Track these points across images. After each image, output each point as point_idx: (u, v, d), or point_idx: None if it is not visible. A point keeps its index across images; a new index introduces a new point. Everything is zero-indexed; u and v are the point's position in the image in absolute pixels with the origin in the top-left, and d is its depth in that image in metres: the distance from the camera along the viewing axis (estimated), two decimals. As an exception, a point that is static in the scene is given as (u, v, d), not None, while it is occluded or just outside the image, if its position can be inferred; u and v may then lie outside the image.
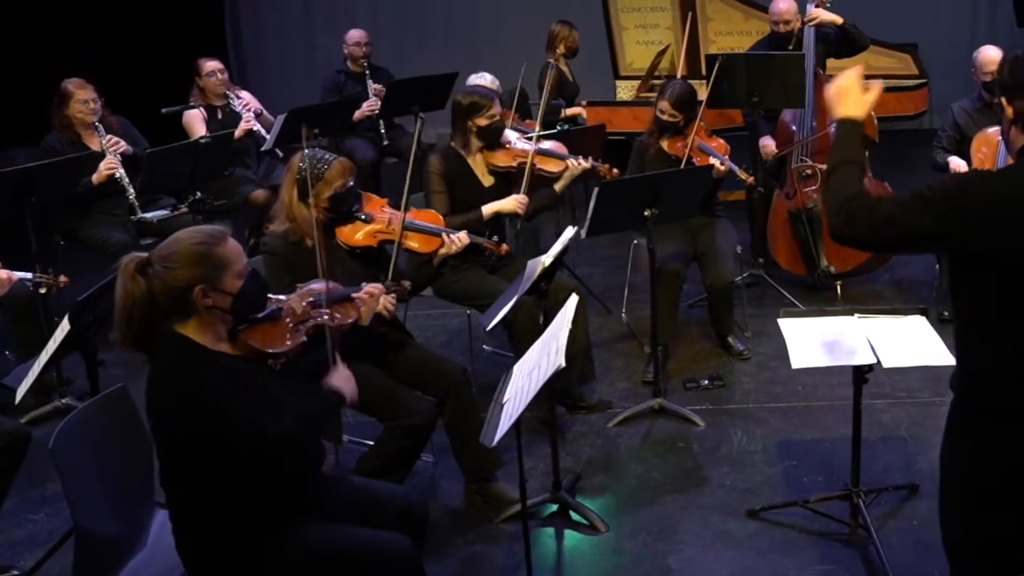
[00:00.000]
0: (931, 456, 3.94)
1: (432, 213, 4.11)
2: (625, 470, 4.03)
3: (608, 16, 7.47)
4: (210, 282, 2.46)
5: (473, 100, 4.38)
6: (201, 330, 2.50)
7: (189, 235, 2.53)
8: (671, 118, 4.84)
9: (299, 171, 3.54)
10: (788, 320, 3.37)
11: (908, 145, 6.63)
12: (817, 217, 5.41)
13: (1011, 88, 2.17)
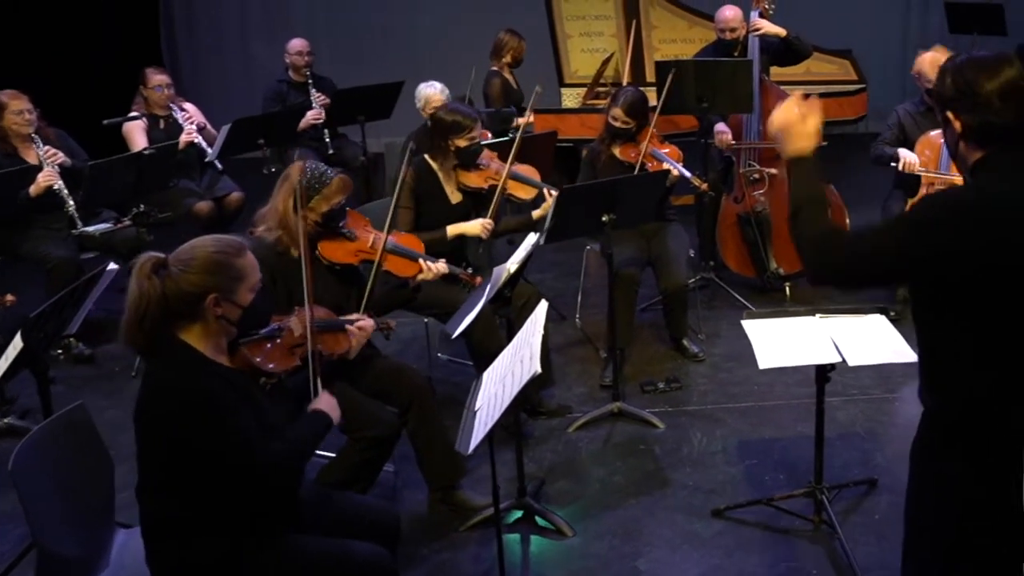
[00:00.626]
0: (888, 451, 4.07)
1: (414, 238, 4.09)
2: (588, 474, 4.04)
3: (553, 24, 7.51)
4: (224, 292, 2.46)
5: (456, 119, 4.37)
6: (203, 338, 2.49)
7: (210, 242, 2.53)
8: (624, 125, 4.87)
9: (299, 182, 3.50)
10: (751, 322, 3.41)
11: (848, 150, 6.75)
12: (766, 220, 5.51)
13: (955, 101, 2.09)
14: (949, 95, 2.09)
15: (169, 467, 2.44)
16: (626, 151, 4.88)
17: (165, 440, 2.40)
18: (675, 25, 7.30)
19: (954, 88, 2.07)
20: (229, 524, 2.49)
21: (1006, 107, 2.01)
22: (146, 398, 2.45)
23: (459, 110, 4.45)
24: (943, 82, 2.11)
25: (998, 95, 2.00)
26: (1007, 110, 2.01)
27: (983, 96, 2.01)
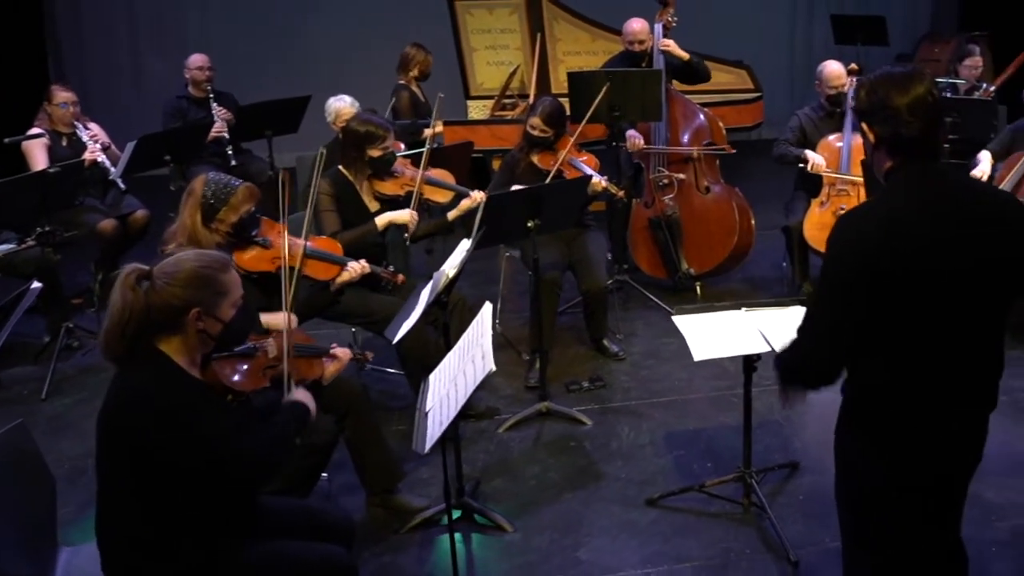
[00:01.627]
0: (805, 436, 4.28)
1: (331, 241, 4.10)
2: (522, 472, 4.11)
3: (458, 38, 7.60)
4: (207, 307, 2.46)
5: (369, 130, 4.39)
6: (181, 350, 2.48)
7: (195, 256, 2.53)
8: (542, 134, 4.98)
9: (204, 195, 3.50)
10: (682, 317, 3.53)
11: (744, 156, 7.00)
12: (676, 223, 5.71)
13: (870, 113, 2.24)
14: (864, 107, 2.26)
15: (131, 474, 2.41)
16: (545, 159, 4.99)
17: (130, 447, 2.38)
18: (578, 38, 7.48)
19: (868, 101, 2.24)
20: (189, 533, 2.47)
21: (914, 121, 2.17)
22: (116, 404, 2.43)
23: (372, 120, 4.48)
24: (859, 95, 2.28)
25: (908, 110, 2.17)
26: (915, 124, 2.17)
27: (894, 109, 2.18)
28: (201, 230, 3.52)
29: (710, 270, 5.85)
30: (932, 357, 2.21)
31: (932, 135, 2.23)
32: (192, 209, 3.52)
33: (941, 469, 2.32)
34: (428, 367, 4.25)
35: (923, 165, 2.21)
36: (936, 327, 2.18)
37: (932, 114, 2.21)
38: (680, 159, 5.76)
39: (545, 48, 7.43)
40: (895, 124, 2.18)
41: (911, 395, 2.23)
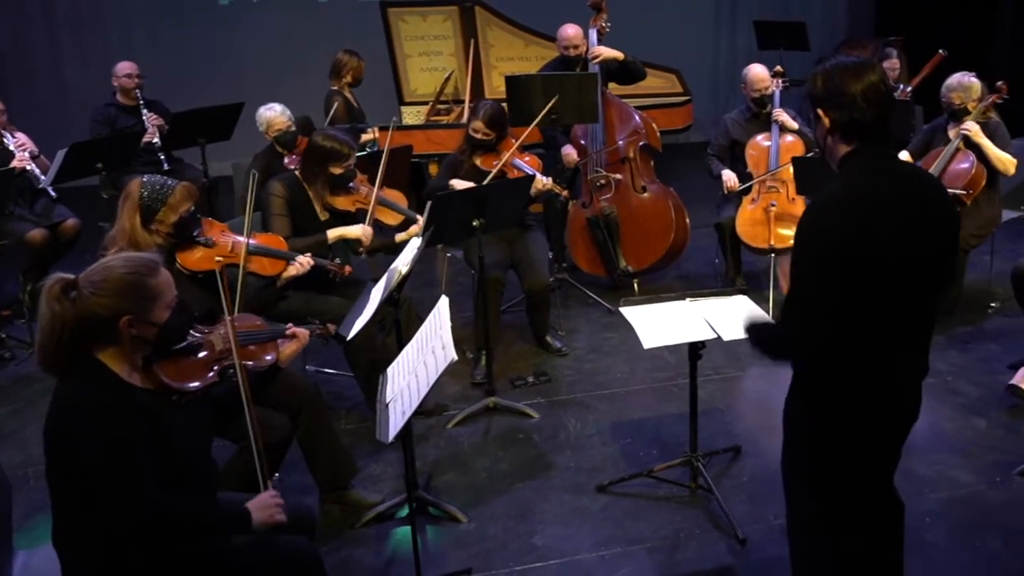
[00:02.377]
0: (746, 422, 4.42)
1: (275, 237, 4.12)
2: (473, 465, 4.17)
3: (391, 44, 7.63)
4: (137, 313, 2.40)
5: (335, 147, 4.39)
6: (118, 359, 2.44)
7: (122, 263, 2.45)
8: (484, 136, 5.06)
9: (141, 197, 3.49)
10: (629, 308, 3.62)
11: (674, 158, 7.19)
12: (614, 222, 5.84)
13: (825, 99, 2.33)
14: (820, 94, 2.36)
15: (74, 486, 2.37)
16: (487, 161, 5.06)
17: (69, 457, 2.33)
18: (512, 44, 7.56)
19: (824, 88, 2.34)
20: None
21: (869, 107, 2.30)
22: (55, 416, 2.38)
23: (337, 138, 4.46)
24: (815, 83, 2.38)
25: (862, 96, 2.29)
26: (870, 109, 2.30)
27: (849, 96, 2.29)
28: (141, 232, 3.51)
29: (648, 267, 5.99)
30: (889, 328, 2.34)
31: (885, 120, 2.34)
32: (130, 212, 3.51)
33: (889, 427, 2.47)
34: (375, 364, 4.32)
35: (878, 149, 2.35)
36: (896, 300, 2.32)
37: (884, 100, 2.33)
38: (617, 160, 5.89)
39: (479, 54, 7.50)
40: (850, 109, 2.29)
41: (867, 363, 2.37)
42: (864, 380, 2.38)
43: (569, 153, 5.85)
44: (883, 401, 2.41)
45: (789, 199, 5.46)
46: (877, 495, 2.58)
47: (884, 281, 2.28)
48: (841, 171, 2.38)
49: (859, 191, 2.29)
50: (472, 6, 7.49)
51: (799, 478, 2.59)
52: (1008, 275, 4.60)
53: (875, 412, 2.41)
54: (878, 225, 2.24)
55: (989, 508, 3.67)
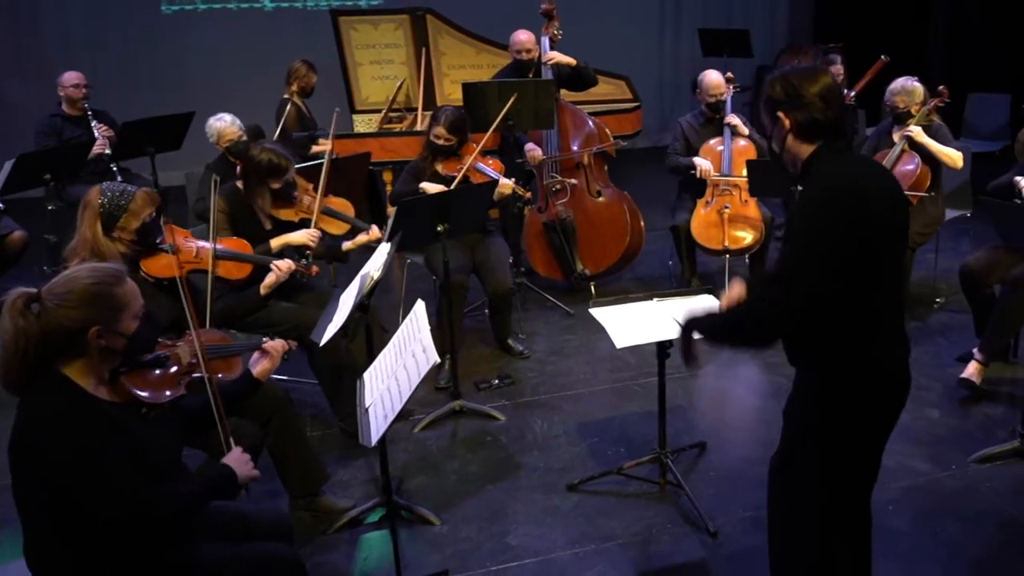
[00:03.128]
0: (708, 419, 4.49)
1: (239, 241, 4.08)
2: (442, 468, 4.17)
3: (342, 53, 7.61)
4: (106, 324, 2.34)
5: (272, 160, 4.29)
6: (85, 372, 2.37)
7: (87, 273, 2.38)
8: (446, 142, 5.07)
9: (102, 204, 3.44)
10: (599, 309, 3.67)
11: (623, 163, 7.22)
12: (571, 226, 5.89)
13: (785, 102, 2.43)
14: (780, 98, 2.46)
15: (45, 502, 2.31)
16: (449, 166, 5.08)
17: (38, 481, 2.28)
18: (463, 52, 7.59)
19: (783, 92, 2.45)
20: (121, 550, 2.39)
21: (828, 106, 2.40)
22: (20, 434, 2.29)
23: (275, 151, 4.36)
24: (774, 88, 2.48)
25: (820, 97, 2.40)
26: (829, 108, 2.40)
27: (808, 98, 2.40)
28: (103, 240, 3.45)
29: (604, 270, 6.05)
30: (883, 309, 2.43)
31: (842, 119, 2.45)
32: (91, 220, 3.46)
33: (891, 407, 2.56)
34: (339, 370, 4.31)
35: (840, 145, 2.44)
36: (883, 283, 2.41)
37: (840, 100, 2.46)
38: (572, 165, 5.95)
39: (430, 62, 7.52)
40: (811, 110, 2.39)
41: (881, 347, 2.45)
42: (868, 363, 2.45)
43: (532, 149, 5.87)
44: (886, 381, 2.49)
45: (742, 201, 5.56)
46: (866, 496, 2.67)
47: (876, 266, 2.37)
48: (813, 168, 2.44)
49: (846, 182, 2.36)
50: (423, 15, 7.52)
51: (799, 476, 2.61)
52: (951, 271, 4.74)
53: (881, 393, 2.49)
54: (869, 213, 2.33)
55: (947, 495, 3.78)
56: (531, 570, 3.44)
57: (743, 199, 5.57)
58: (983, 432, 4.22)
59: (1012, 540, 3.49)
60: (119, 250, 3.47)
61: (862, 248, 2.32)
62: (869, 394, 2.47)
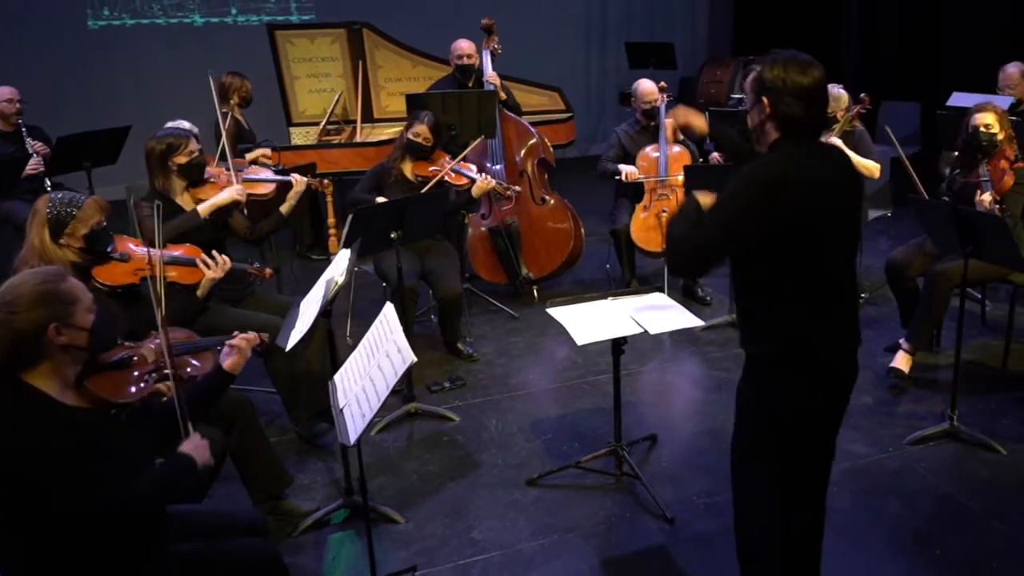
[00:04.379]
0: (657, 412, 4.60)
1: (190, 246, 4.05)
2: (402, 468, 4.19)
3: (279, 66, 7.57)
4: (62, 319, 2.31)
5: (168, 141, 4.27)
6: (51, 376, 2.33)
7: (29, 277, 2.36)
8: (426, 142, 5.14)
9: (49, 211, 3.40)
10: (556, 309, 3.73)
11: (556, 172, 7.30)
12: (516, 231, 5.97)
13: (773, 89, 2.41)
14: (769, 83, 2.45)
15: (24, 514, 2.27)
16: (420, 168, 5.14)
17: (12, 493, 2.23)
18: (400, 65, 7.61)
19: (775, 77, 2.44)
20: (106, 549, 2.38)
21: (811, 104, 2.42)
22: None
23: (168, 133, 4.35)
24: (769, 71, 2.45)
25: (807, 93, 2.40)
26: (812, 107, 2.42)
27: (795, 90, 2.40)
28: (51, 247, 3.41)
29: (548, 274, 6.14)
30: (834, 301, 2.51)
31: (820, 117, 2.49)
32: (39, 227, 3.42)
33: (844, 394, 2.65)
34: (295, 376, 4.30)
35: (806, 141, 2.48)
36: (833, 271, 2.49)
37: (824, 98, 2.48)
38: (516, 173, 6.03)
39: (367, 75, 7.53)
40: (794, 106, 2.40)
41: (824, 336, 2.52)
42: (823, 350, 2.52)
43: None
44: (842, 369, 2.57)
45: (679, 205, 5.70)
46: (826, 471, 2.73)
47: (813, 256, 2.43)
48: (773, 150, 2.48)
49: (794, 165, 2.42)
50: (360, 29, 7.51)
51: (757, 456, 2.66)
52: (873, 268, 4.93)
53: (837, 380, 2.57)
54: (810, 193, 2.40)
55: (885, 475, 3.95)
56: (497, 563, 3.49)
57: (680, 202, 5.71)
58: (914, 416, 4.42)
59: (947, 514, 3.67)
60: (69, 258, 3.42)
61: (785, 227, 2.37)
62: (808, 380, 2.52)
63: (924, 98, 7.91)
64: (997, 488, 3.82)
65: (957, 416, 4.17)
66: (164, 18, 9.44)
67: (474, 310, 5.95)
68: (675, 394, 4.88)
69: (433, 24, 8.73)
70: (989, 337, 5.29)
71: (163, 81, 9.16)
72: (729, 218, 2.44)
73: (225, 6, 9.57)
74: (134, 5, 9.32)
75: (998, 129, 4.38)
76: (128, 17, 9.35)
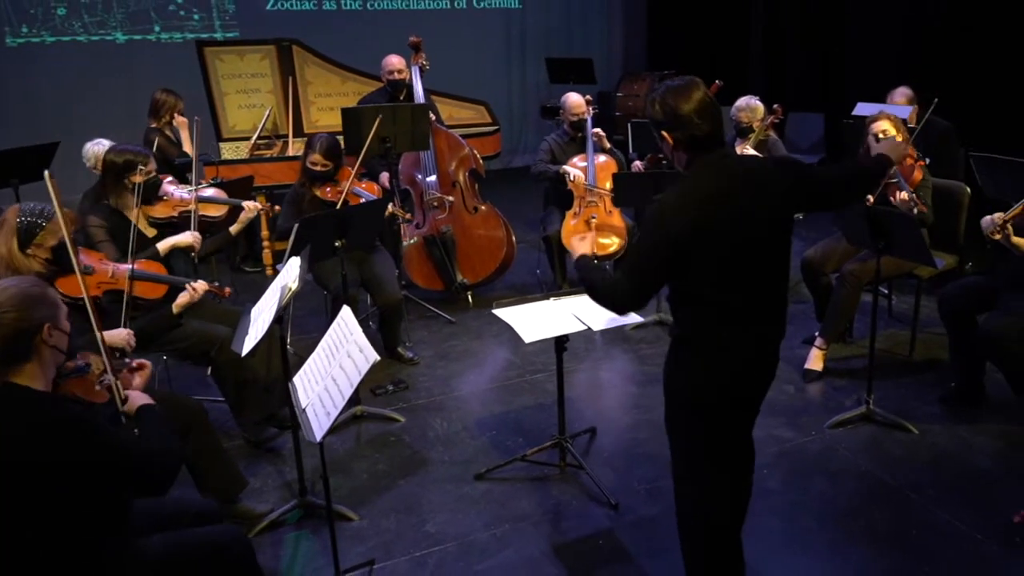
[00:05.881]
0: (595, 407, 4.73)
1: (154, 263, 4.05)
2: (352, 468, 4.22)
3: (208, 83, 7.51)
4: (54, 320, 2.37)
5: (127, 158, 4.27)
6: (36, 376, 2.36)
7: (17, 281, 2.40)
8: (323, 168, 5.09)
9: (19, 221, 3.38)
10: (502, 310, 3.80)
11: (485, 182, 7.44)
12: (451, 239, 6.05)
13: (665, 123, 2.53)
14: (660, 119, 2.55)
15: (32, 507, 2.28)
16: (325, 191, 5.10)
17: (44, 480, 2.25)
18: (329, 80, 7.63)
19: (662, 113, 2.54)
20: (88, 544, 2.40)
21: (704, 121, 2.52)
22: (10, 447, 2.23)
23: (128, 149, 4.35)
24: (653, 109, 2.57)
25: (696, 114, 2.50)
26: (705, 123, 2.52)
27: (685, 117, 2.50)
28: (18, 256, 3.40)
29: (482, 279, 6.23)
30: (743, 298, 2.60)
31: (719, 129, 2.58)
32: (7, 237, 3.41)
33: (754, 385, 2.76)
34: (240, 382, 4.30)
35: (715, 153, 2.57)
36: (740, 275, 2.57)
37: (714, 112, 2.56)
38: (449, 183, 6.11)
39: (297, 91, 7.53)
40: (689, 127, 2.51)
41: (728, 330, 2.62)
42: (723, 343, 2.63)
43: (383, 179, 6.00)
44: (750, 361, 2.68)
45: (607, 211, 5.88)
46: (743, 442, 2.86)
47: (725, 259, 2.52)
48: (688, 173, 2.59)
49: (695, 190, 2.52)
50: (289, 45, 7.52)
51: (679, 431, 2.80)
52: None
53: (745, 371, 2.69)
54: (713, 216, 2.48)
55: (811, 456, 4.14)
56: (453, 552, 3.56)
57: (608, 209, 5.88)
58: (833, 402, 4.65)
59: (869, 489, 3.87)
60: (34, 268, 3.41)
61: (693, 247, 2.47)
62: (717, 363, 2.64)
63: (827, 109, 8.25)
64: (912, 464, 4.04)
65: (873, 400, 4.40)
66: (85, 35, 9.26)
67: (411, 316, 6.01)
68: (610, 389, 5.02)
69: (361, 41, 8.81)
70: (896, 328, 5.58)
71: (85, 98, 9.01)
72: (645, 254, 2.57)
73: (148, 23, 9.44)
74: (54, 22, 9.13)
75: (895, 132, 4.64)
76: (48, 34, 9.15)
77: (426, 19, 10.28)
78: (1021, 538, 3.47)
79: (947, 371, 4.79)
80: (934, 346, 5.26)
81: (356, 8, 10.20)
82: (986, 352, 4.18)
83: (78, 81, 9.11)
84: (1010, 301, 4.13)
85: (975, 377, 4.48)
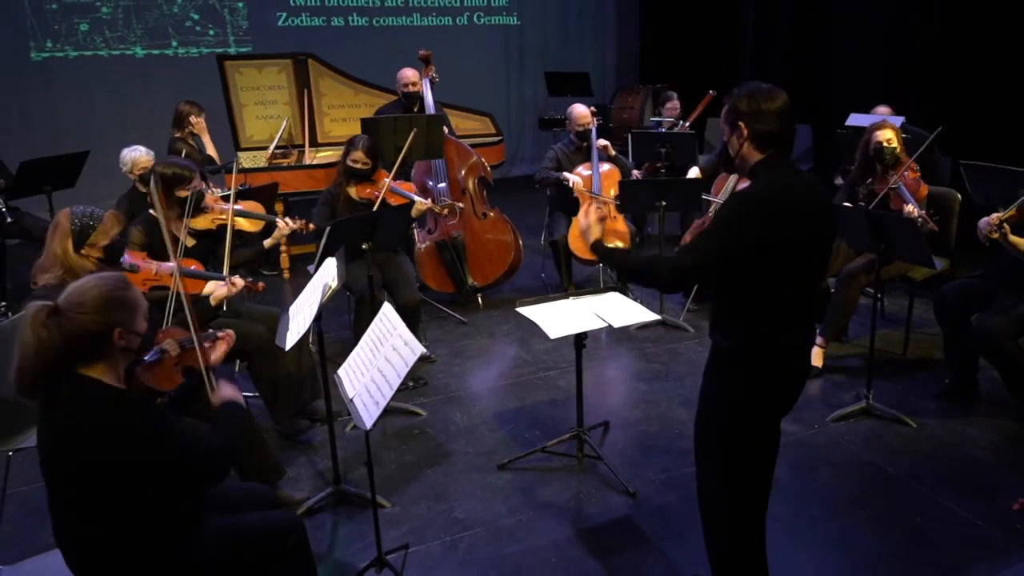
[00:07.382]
0: (606, 402, 4.77)
1: (193, 260, 4.09)
2: (381, 459, 4.25)
3: (228, 94, 7.53)
4: (127, 324, 2.38)
5: (175, 172, 4.28)
6: (107, 371, 2.38)
7: (100, 281, 2.40)
8: (364, 166, 5.16)
9: (73, 223, 3.42)
10: (526, 308, 3.85)
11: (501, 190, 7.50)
12: (462, 244, 6.09)
13: (748, 115, 2.54)
14: (744, 110, 2.58)
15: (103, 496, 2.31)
16: (363, 190, 5.16)
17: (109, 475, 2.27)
18: (342, 93, 7.67)
19: (748, 105, 2.58)
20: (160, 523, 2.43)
21: (782, 121, 2.57)
22: (69, 439, 2.26)
23: (177, 163, 4.37)
24: (741, 101, 2.59)
25: (778, 113, 2.56)
26: (784, 123, 2.57)
27: (767, 112, 2.56)
28: (73, 257, 3.43)
29: (492, 282, 6.28)
30: (795, 307, 2.62)
31: (792, 134, 2.63)
32: (61, 239, 3.43)
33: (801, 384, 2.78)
34: (276, 379, 4.33)
35: (785, 157, 2.62)
36: (797, 278, 2.60)
37: (792, 118, 2.62)
38: (459, 190, 6.16)
39: (312, 102, 7.56)
40: (769, 124, 2.55)
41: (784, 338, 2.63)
42: (773, 344, 2.63)
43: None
44: (787, 363, 2.68)
45: (612, 217, 5.93)
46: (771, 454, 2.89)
47: (787, 264, 2.55)
48: (756, 174, 2.62)
49: (778, 189, 2.55)
50: (305, 59, 7.55)
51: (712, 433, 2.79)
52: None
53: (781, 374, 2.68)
54: (791, 216, 2.52)
55: (815, 448, 4.20)
56: (482, 537, 3.60)
57: (612, 215, 5.94)
58: (834, 397, 4.71)
59: (873, 479, 3.93)
60: (88, 267, 3.43)
61: (770, 246, 2.49)
62: (772, 372, 2.65)
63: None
64: (912, 455, 4.11)
65: (872, 396, 4.47)
66: (107, 50, 9.25)
67: (425, 317, 6.04)
68: (619, 385, 5.07)
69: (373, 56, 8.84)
70: (888, 329, 5.66)
71: (105, 110, 9.00)
72: (722, 231, 2.54)
73: (165, 39, 9.44)
74: (77, 38, 9.12)
75: (897, 142, 4.72)
76: (71, 49, 9.13)
77: (429, 35, 10.32)
78: (1021, 524, 3.54)
79: (940, 369, 4.87)
80: (926, 345, 5.34)
81: (363, 24, 10.23)
82: (980, 349, 4.26)
83: (99, 94, 9.10)
84: (1003, 300, 4.21)
85: (969, 373, 4.56)
